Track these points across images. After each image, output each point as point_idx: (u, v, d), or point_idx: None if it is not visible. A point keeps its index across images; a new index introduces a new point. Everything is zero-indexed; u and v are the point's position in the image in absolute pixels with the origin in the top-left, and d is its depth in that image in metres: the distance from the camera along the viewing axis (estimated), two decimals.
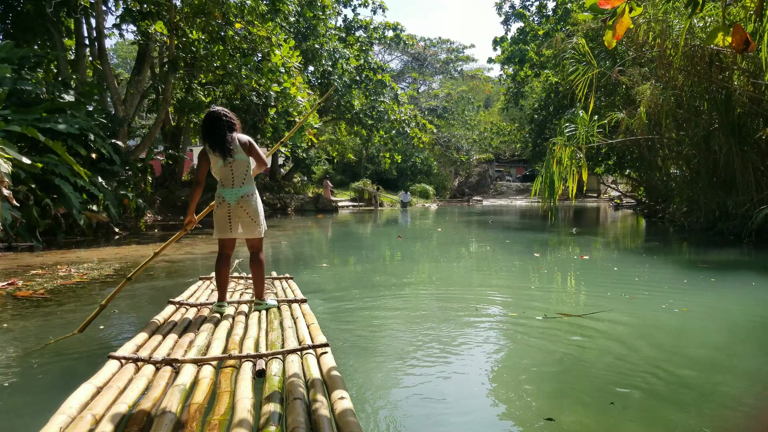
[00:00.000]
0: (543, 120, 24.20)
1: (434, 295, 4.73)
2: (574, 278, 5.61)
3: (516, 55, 22.81)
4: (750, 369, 2.82)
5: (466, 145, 36.15)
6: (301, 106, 12.51)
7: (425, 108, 35.23)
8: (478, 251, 8.66)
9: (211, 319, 3.08)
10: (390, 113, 20.71)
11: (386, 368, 2.81)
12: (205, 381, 2.12)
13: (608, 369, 2.76)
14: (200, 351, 2.53)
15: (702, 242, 9.09)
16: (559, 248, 8.57)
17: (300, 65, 12.95)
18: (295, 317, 3.12)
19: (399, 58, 44.03)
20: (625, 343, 3.17)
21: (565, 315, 3.80)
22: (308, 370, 2.23)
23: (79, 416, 1.77)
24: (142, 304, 4.36)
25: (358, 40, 20.87)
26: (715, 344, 3.25)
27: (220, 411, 1.85)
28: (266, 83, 11.49)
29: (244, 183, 3.20)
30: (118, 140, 10.68)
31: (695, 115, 10.15)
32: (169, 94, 12.31)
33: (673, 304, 4.16)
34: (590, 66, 9.15)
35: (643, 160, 15.72)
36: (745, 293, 4.76)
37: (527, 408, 2.36)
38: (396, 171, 29.37)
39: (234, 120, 3.21)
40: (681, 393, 2.47)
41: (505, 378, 2.73)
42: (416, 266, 6.82)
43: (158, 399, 1.97)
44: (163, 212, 13.67)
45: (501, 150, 41.07)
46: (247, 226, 3.22)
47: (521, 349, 3.11)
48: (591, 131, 9.23)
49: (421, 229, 13.35)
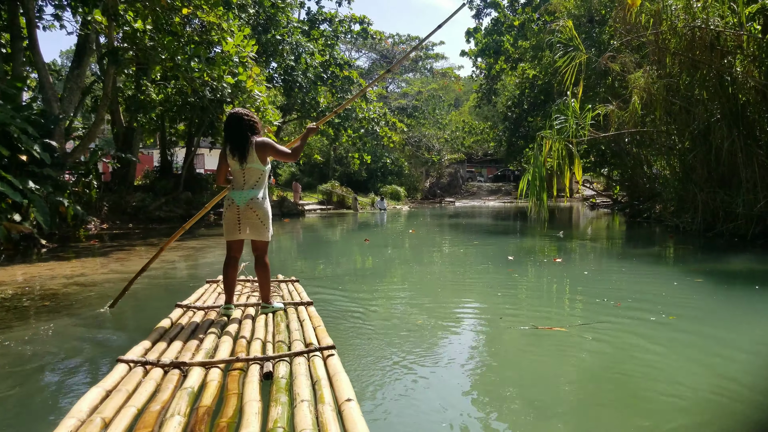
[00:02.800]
0: (517, 117, 24.82)
1: (417, 304, 4.79)
2: (580, 287, 5.44)
3: (491, 47, 23.17)
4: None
5: (438, 145, 36.77)
6: (259, 100, 12.25)
7: (395, 107, 35.70)
8: (465, 259, 8.26)
9: (219, 322, 3.25)
10: (358, 111, 20.79)
11: (386, 372, 2.95)
12: (213, 384, 2.24)
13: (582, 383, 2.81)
14: (208, 354, 2.67)
15: (706, 246, 8.55)
16: (558, 254, 8.02)
17: (255, 55, 12.62)
18: (302, 320, 3.30)
19: (367, 56, 44.91)
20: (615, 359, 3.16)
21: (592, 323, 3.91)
22: (315, 372, 2.34)
23: (89, 419, 1.87)
24: (150, 308, 4.59)
25: (323, 34, 20.89)
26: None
27: (228, 413, 1.96)
28: (218, 75, 11.04)
29: (254, 187, 3.42)
30: (53, 140, 10.21)
31: (692, 105, 9.73)
32: (109, 89, 11.93)
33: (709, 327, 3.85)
34: (578, 51, 8.96)
35: (625, 157, 15.79)
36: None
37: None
38: (366, 172, 29.51)
39: (256, 122, 3.44)
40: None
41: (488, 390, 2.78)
42: (395, 273, 6.84)
43: (167, 402, 2.07)
44: (112, 219, 13.30)
45: (473, 149, 42.04)
46: (256, 228, 3.43)
47: (508, 362, 3.19)
48: (582, 123, 8.98)
49: (395, 233, 13.39)
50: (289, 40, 18.27)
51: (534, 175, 8.72)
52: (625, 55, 10.65)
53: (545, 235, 11.01)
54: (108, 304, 4.24)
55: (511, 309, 4.47)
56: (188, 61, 10.65)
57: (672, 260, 7.51)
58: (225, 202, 3.46)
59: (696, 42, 8.76)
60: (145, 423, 1.87)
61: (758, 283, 5.46)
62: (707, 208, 9.65)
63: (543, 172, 8.66)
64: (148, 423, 1.87)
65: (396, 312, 4.38)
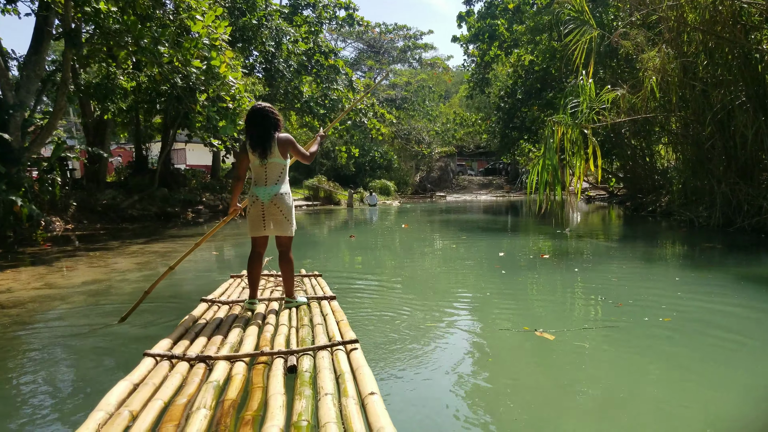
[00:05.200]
0: (511, 108, 24.94)
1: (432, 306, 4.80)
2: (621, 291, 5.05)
3: (485, 31, 23.12)
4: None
5: (428, 138, 36.96)
6: (234, 88, 12.01)
7: (383, 98, 35.84)
8: (470, 256, 8.04)
9: (243, 317, 3.49)
10: (345, 102, 20.74)
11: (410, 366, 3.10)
12: (238, 377, 2.40)
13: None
14: (233, 348, 2.86)
15: (733, 244, 8.04)
16: (573, 255, 7.62)
17: (228, 37, 12.30)
18: (325, 314, 3.50)
19: (353, 46, 45.66)
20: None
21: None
22: (338, 366, 2.51)
23: (117, 412, 2.01)
24: (175, 303, 4.84)
25: (306, 21, 20.77)
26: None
27: (253, 407, 2.09)
28: (185, 57, 10.61)
29: (277, 182, 3.62)
30: (6, 133, 9.92)
31: (712, 87, 9.29)
32: (68, 75, 11.65)
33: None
34: (588, 26, 8.64)
35: (626, 147, 15.78)
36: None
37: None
38: (354, 166, 29.46)
39: (278, 118, 3.62)
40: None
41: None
42: (388, 268, 6.97)
43: (193, 395, 2.21)
44: (80, 219, 13.06)
45: (465, 142, 42.32)
46: (280, 224, 3.64)
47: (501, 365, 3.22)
48: (597, 107, 8.53)
49: (388, 230, 13.36)
50: (268, 24, 18.11)
51: (545, 165, 8.21)
52: (637, 32, 10.22)
53: (552, 234, 10.81)
54: (120, 318, 4.10)
55: (516, 311, 4.49)
56: (155, 45, 10.32)
57: (715, 264, 6.59)
58: (249, 199, 3.65)
59: (717, 16, 8.35)
60: (171, 416, 1.99)
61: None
62: (726, 201, 9.31)
63: (556, 162, 8.16)
64: (175, 416, 1.99)
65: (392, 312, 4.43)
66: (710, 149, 9.78)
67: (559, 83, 18.05)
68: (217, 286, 4.60)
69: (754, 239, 8.32)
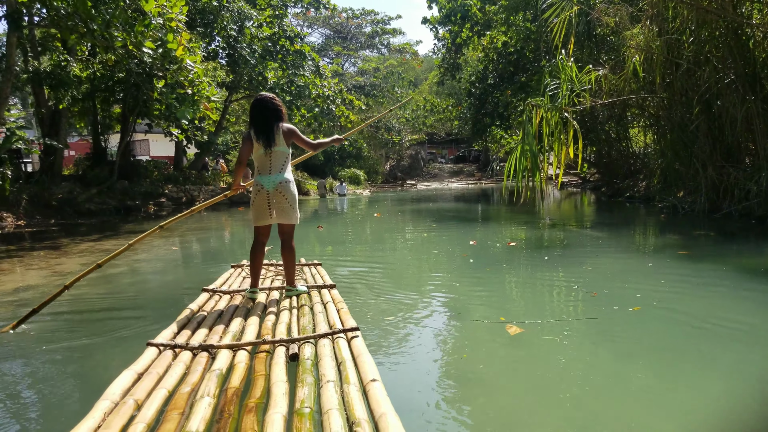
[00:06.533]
0: (482, 93, 25.07)
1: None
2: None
3: (456, 11, 22.95)
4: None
5: (398, 125, 37.09)
6: (193, 72, 11.68)
7: (352, 85, 35.76)
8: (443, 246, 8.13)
9: (244, 306, 3.63)
10: (311, 88, 20.54)
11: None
12: (241, 366, 2.49)
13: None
14: (235, 337, 2.97)
15: (725, 230, 7.87)
16: (560, 246, 7.35)
17: (185, 17, 11.90)
18: (325, 302, 3.65)
19: (320, 32, 45.67)
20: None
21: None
22: (340, 354, 2.59)
23: (122, 401, 2.07)
24: (176, 293, 5.02)
25: (270, 4, 20.42)
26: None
27: (256, 394, 2.18)
28: (138, 40, 10.10)
29: (281, 170, 3.75)
30: None
31: (699, 66, 9.04)
32: (13, 60, 11.21)
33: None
34: (569, 1, 8.55)
35: (601, 131, 15.89)
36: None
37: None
38: (322, 155, 29.20)
39: (281, 108, 3.78)
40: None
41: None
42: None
43: (196, 384, 2.28)
44: (33, 214, 12.67)
45: (436, 129, 42.61)
46: (285, 212, 3.77)
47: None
48: (578, 89, 8.33)
49: (359, 220, 13.32)
50: (229, 6, 17.75)
51: (524, 151, 7.91)
52: (619, 7, 9.99)
53: (533, 223, 10.76)
54: (10, 326, 3.72)
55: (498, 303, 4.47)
56: (106, 27, 9.86)
57: (718, 254, 6.29)
58: (253, 188, 3.79)
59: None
60: (176, 404, 2.06)
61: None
62: (712, 185, 9.20)
63: (534, 147, 7.93)
64: (179, 404, 2.06)
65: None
66: (694, 131, 9.60)
67: (534, 66, 18.17)
68: (217, 276, 4.79)
69: (745, 225, 8.18)
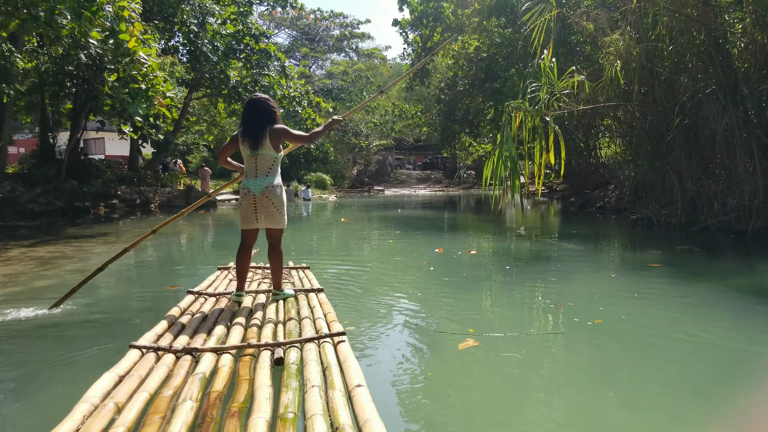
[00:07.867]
0: (452, 100, 25.32)
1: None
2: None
3: (428, 14, 22.93)
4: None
5: (366, 130, 37.29)
6: (147, 66, 11.32)
7: (319, 87, 35.91)
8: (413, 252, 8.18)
9: (230, 309, 3.66)
10: (276, 89, 20.39)
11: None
12: (225, 369, 2.51)
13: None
14: (219, 340, 2.99)
15: (707, 245, 7.80)
16: (541, 260, 7.09)
17: (138, 6, 11.47)
18: (312, 306, 3.71)
19: (287, 33, 46.08)
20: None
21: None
22: (325, 359, 2.62)
23: (102, 404, 2.06)
24: (161, 295, 5.08)
25: (235, 0, 20.18)
26: None
27: (239, 399, 2.20)
28: (84, 30, 9.56)
29: (268, 174, 3.81)
30: None
31: (678, 74, 9.09)
32: None
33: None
34: (548, 4, 8.65)
35: (571, 141, 15.74)
36: None
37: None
38: (287, 158, 28.94)
39: (274, 110, 3.83)
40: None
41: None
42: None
43: (179, 387, 2.29)
44: None
45: (404, 134, 42.92)
46: (272, 216, 3.82)
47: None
48: (558, 92, 8.35)
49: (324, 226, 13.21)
50: (190, 0, 17.48)
51: (501, 156, 7.56)
52: (598, 12, 10.11)
53: (506, 232, 10.74)
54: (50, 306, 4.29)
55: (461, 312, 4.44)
56: (50, 14, 9.34)
57: (708, 274, 6.06)
58: (240, 191, 3.85)
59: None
60: (157, 408, 2.07)
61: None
62: (688, 197, 9.24)
63: (514, 153, 7.63)
64: (161, 408, 2.07)
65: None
66: (671, 142, 9.53)
67: (506, 73, 18.39)
68: (203, 278, 4.82)
69: (724, 239, 8.17)
